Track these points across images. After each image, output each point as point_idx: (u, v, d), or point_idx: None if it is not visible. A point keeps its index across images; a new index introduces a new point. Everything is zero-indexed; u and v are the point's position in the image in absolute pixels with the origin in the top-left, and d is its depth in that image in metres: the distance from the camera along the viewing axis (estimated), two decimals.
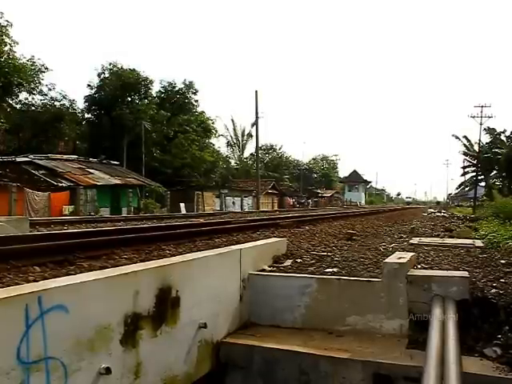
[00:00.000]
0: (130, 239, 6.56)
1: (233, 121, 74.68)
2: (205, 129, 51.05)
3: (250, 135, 71.27)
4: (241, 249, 4.78)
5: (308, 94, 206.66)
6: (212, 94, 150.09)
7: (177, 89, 50.12)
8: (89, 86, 44.33)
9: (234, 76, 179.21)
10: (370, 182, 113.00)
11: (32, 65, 36.22)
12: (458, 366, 3.01)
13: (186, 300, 3.61)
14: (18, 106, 39.52)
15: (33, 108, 39.91)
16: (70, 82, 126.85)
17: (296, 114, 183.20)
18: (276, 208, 51.97)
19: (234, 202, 46.82)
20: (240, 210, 40.47)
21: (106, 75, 44.22)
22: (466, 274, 4.45)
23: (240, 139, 75.05)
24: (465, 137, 59.57)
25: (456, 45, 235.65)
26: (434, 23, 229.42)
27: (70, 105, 42.54)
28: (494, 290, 4.27)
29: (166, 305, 3.42)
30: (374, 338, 4.09)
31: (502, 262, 5.79)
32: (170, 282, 3.46)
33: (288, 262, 5.55)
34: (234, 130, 74.26)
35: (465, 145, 60.32)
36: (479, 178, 53.95)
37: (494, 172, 55.11)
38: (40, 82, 38.10)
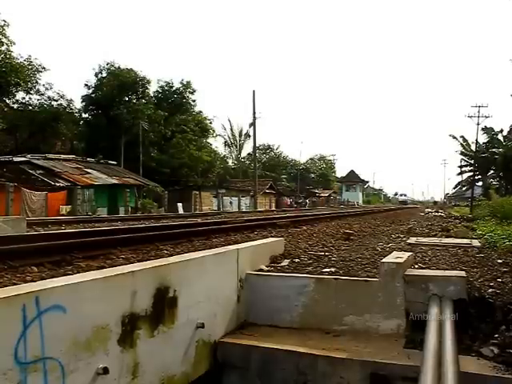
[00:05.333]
0: (128, 239, 6.56)
1: (229, 121, 74.86)
2: (202, 129, 50.97)
3: (247, 135, 71.35)
4: (238, 249, 4.78)
5: (305, 94, 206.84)
6: (209, 94, 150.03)
7: (174, 88, 50.03)
8: (86, 85, 44.31)
9: (232, 76, 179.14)
10: (367, 182, 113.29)
11: (29, 64, 36.15)
12: (456, 366, 3.02)
13: (183, 300, 3.60)
14: (15, 106, 39.38)
15: (30, 108, 39.71)
16: (67, 81, 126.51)
17: (293, 114, 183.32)
18: (273, 208, 51.99)
19: (231, 202, 46.81)
20: (237, 210, 40.48)
21: (104, 75, 44.16)
22: (463, 273, 4.47)
23: (237, 139, 75.17)
24: (462, 136, 59.87)
25: (453, 44, 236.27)
26: (431, 23, 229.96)
27: (68, 104, 42.33)
28: (490, 290, 4.29)
29: (164, 305, 3.41)
30: (371, 337, 4.10)
31: (499, 261, 5.82)
32: (167, 282, 3.46)
33: (285, 262, 5.55)
34: (232, 129, 74.38)
35: (462, 144, 60.56)
36: (476, 177, 54.14)
37: (491, 172, 55.31)
38: (37, 82, 38.07)
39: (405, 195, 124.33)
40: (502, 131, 53.84)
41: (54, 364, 2.50)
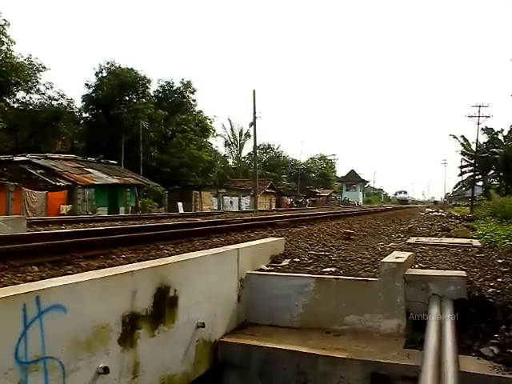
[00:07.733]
0: (128, 239, 6.56)
1: (230, 120, 74.83)
2: (203, 128, 51.03)
3: (247, 135, 71.29)
4: (238, 248, 4.78)
5: (305, 94, 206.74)
6: (209, 94, 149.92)
7: (174, 88, 50.07)
8: (86, 85, 44.43)
9: (232, 76, 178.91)
10: (367, 182, 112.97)
11: (29, 64, 36.21)
12: (456, 366, 3.02)
13: (183, 300, 3.61)
14: (15, 105, 39.42)
15: (30, 107, 39.75)
16: (67, 81, 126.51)
17: (293, 114, 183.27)
18: (274, 207, 52.00)
19: (231, 202, 46.80)
20: (238, 210, 40.49)
21: (104, 74, 44.27)
22: (463, 273, 4.47)
23: (238, 139, 75.14)
24: (462, 136, 59.85)
25: (454, 44, 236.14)
26: (431, 22, 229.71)
27: (68, 104, 42.41)
28: (491, 290, 4.29)
29: (164, 304, 3.42)
30: (371, 337, 4.10)
31: (499, 261, 5.82)
32: (167, 282, 3.46)
33: (286, 262, 5.56)
34: (232, 129, 74.36)
35: (462, 144, 60.55)
36: (477, 177, 54.11)
37: (492, 172, 55.26)
38: (37, 81, 38.15)
39: (405, 192, 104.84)
40: (502, 131, 53.81)
41: (54, 363, 2.50)
